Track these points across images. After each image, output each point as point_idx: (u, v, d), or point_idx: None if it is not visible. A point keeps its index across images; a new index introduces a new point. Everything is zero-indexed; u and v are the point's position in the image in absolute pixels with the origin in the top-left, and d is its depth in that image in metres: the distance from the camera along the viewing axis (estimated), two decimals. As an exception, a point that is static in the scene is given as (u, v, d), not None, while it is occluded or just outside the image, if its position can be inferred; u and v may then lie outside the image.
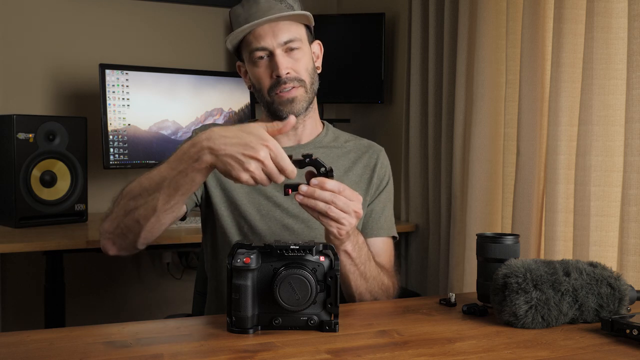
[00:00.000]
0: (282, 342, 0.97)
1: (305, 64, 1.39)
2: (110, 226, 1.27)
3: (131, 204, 1.21)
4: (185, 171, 1.12)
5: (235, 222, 1.40)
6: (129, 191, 1.23)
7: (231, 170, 1.07)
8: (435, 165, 2.43)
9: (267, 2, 1.35)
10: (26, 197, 2.18)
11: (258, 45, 1.35)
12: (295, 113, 1.37)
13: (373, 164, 1.48)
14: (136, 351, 0.93)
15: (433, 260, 2.46)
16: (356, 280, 1.26)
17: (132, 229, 1.23)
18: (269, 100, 1.38)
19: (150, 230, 1.23)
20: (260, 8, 1.35)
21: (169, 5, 2.83)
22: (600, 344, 0.98)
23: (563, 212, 1.79)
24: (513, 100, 2.03)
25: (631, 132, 1.57)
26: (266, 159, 1.05)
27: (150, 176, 1.19)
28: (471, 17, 2.20)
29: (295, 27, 1.37)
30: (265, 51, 1.35)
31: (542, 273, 1.05)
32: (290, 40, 1.36)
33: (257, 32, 1.35)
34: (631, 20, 1.57)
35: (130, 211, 1.22)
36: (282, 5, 1.36)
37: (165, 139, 2.56)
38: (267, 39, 1.34)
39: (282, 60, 1.34)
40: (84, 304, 2.64)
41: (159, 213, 1.19)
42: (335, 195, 1.09)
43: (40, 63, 2.63)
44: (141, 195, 1.20)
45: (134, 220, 1.22)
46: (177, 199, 1.17)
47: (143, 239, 1.25)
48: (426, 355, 0.92)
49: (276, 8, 1.35)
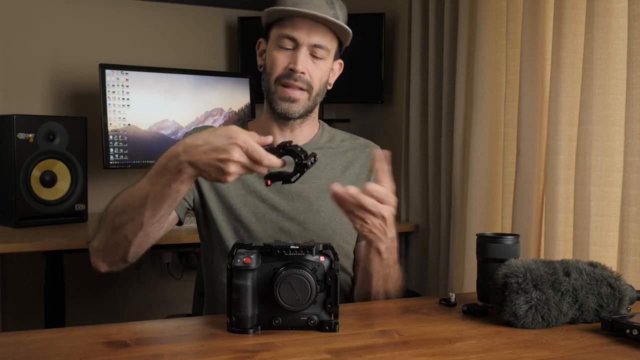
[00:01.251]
0: (282, 342, 0.97)
1: (321, 75, 1.39)
2: (99, 244, 1.26)
3: (117, 220, 1.21)
4: (168, 184, 1.12)
5: (231, 225, 1.39)
6: (113, 208, 1.23)
7: (214, 176, 1.08)
8: (435, 165, 2.43)
9: (320, 1, 1.35)
10: (26, 197, 2.18)
11: (291, 33, 1.34)
12: (290, 114, 1.37)
13: (370, 164, 1.48)
14: (136, 351, 0.93)
15: (433, 260, 2.46)
16: (378, 280, 1.27)
17: (121, 245, 1.23)
18: (272, 89, 1.38)
19: (139, 245, 1.23)
20: (312, 2, 1.34)
21: (169, 5, 2.83)
22: (600, 344, 0.98)
23: (563, 212, 1.79)
24: (513, 100, 2.03)
25: (631, 132, 1.57)
26: (241, 157, 1.05)
27: (133, 192, 1.19)
28: (471, 17, 2.20)
29: (330, 37, 1.38)
30: (293, 42, 1.35)
31: (542, 273, 1.05)
32: (320, 46, 1.36)
33: (296, 21, 1.34)
34: (631, 20, 1.57)
35: (118, 227, 1.21)
36: (331, 11, 1.36)
37: (165, 139, 2.56)
38: (302, 33, 1.34)
39: (303, 58, 1.34)
40: (84, 304, 2.64)
41: (146, 227, 1.19)
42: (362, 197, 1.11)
43: (40, 63, 2.63)
44: (126, 212, 1.19)
45: (122, 236, 1.21)
46: (164, 211, 1.18)
47: (133, 253, 1.25)
48: (426, 355, 0.92)
49: (324, 10, 1.34)
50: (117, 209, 1.21)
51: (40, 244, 1.97)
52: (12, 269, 2.59)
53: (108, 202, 1.27)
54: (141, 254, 1.27)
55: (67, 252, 2.10)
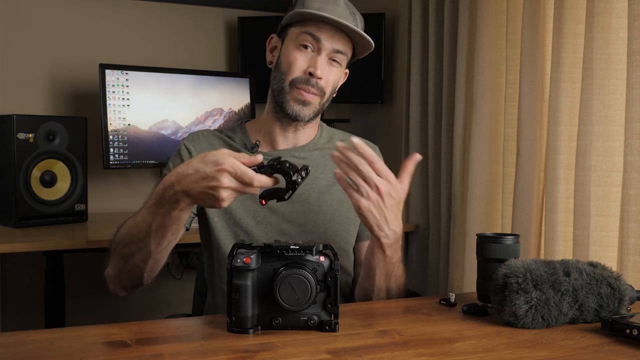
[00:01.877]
0: (282, 342, 0.97)
1: (334, 81, 1.39)
2: (113, 272, 1.29)
3: (126, 250, 1.22)
4: (167, 213, 1.13)
5: (231, 231, 1.39)
6: (120, 239, 1.24)
7: (209, 203, 1.08)
8: (435, 165, 2.43)
9: (344, 9, 1.35)
10: (26, 197, 2.18)
11: (316, 33, 1.33)
12: (300, 117, 1.37)
13: None
14: (136, 351, 0.93)
15: (433, 260, 2.46)
16: (380, 277, 1.26)
17: (133, 273, 1.25)
18: (287, 89, 1.36)
19: (151, 270, 1.25)
20: (337, 10, 1.33)
21: (169, 5, 2.83)
22: (600, 344, 0.98)
23: (563, 212, 1.79)
24: (513, 100, 2.03)
25: (631, 132, 1.57)
26: (231, 182, 1.05)
27: (136, 223, 1.20)
28: (471, 17, 2.20)
29: (348, 46, 1.38)
30: (317, 44, 1.34)
31: (542, 273, 1.05)
32: (340, 52, 1.36)
33: (321, 25, 1.33)
34: (631, 20, 1.57)
35: (127, 257, 1.23)
36: (353, 21, 1.35)
37: (165, 139, 2.56)
38: (326, 36, 1.33)
39: (323, 62, 1.34)
40: (84, 304, 2.64)
41: (155, 255, 1.21)
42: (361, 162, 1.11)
43: (40, 63, 2.63)
44: (133, 242, 1.20)
45: (133, 264, 1.23)
46: (169, 239, 1.19)
47: (147, 278, 1.27)
48: (426, 355, 0.92)
49: (348, 18, 1.34)
50: (124, 240, 1.23)
51: (40, 244, 1.97)
52: (12, 269, 2.59)
53: (115, 230, 1.28)
54: (156, 275, 1.28)
55: (67, 252, 2.10)
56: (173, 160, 1.45)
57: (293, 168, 1.08)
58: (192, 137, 1.46)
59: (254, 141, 1.44)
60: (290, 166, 1.08)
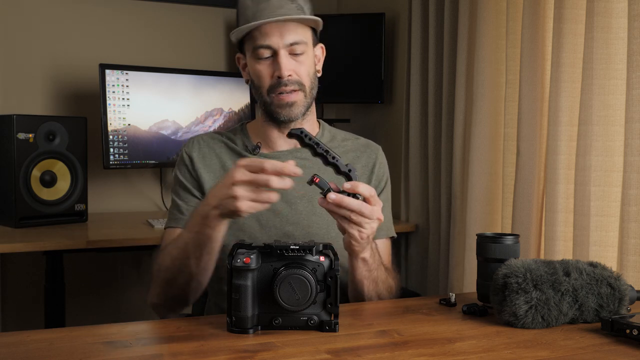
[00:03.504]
0: (282, 342, 0.97)
1: (308, 68, 1.37)
2: (158, 300, 1.31)
3: (168, 275, 1.25)
4: (201, 231, 1.16)
5: (235, 236, 1.37)
6: (161, 264, 1.27)
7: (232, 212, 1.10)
8: (435, 165, 2.43)
9: (279, 1, 1.34)
10: (26, 197, 2.18)
11: (263, 42, 1.33)
12: (293, 117, 1.37)
13: (372, 164, 1.47)
14: (136, 351, 0.93)
15: (433, 260, 2.46)
16: (369, 285, 1.27)
17: (178, 296, 1.28)
18: (268, 100, 1.37)
19: (195, 291, 1.27)
20: (271, 5, 1.32)
21: (169, 5, 2.83)
22: (600, 344, 0.98)
23: (563, 212, 1.79)
24: (513, 100, 2.03)
25: (631, 132, 1.57)
26: (244, 192, 1.06)
27: (177, 245, 1.24)
28: (471, 17, 2.20)
29: (302, 30, 1.36)
30: (269, 50, 1.33)
31: (542, 273, 1.05)
32: (296, 42, 1.34)
33: (264, 29, 1.33)
34: (631, 20, 1.57)
35: (171, 282, 1.25)
36: (293, 5, 1.34)
37: (165, 139, 2.56)
38: (274, 38, 1.32)
39: (285, 61, 1.33)
40: (84, 304, 2.64)
41: (196, 277, 1.23)
42: (361, 204, 1.09)
43: (40, 63, 2.63)
44: (174, 266, 1.23)
45: (177, 288, 1.26)
46: (205, 258, 1.20)
47: (192, 299, 1.29)
48: (426, 355, 0.92)
49: (286, 7, 1.33)
50: (165, 264, 1.26)
51: (40, 244, 1.97)
52: (12, 269, 2.59)
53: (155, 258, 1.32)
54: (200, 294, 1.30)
55: (67, 252, 2.10)
56: (178, 169, 1.45)
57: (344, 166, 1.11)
58: (192, 143, 1.45)
59: (256, 143, 1.43)
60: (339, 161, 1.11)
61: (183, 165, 1.43)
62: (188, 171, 1.42)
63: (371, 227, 1.12)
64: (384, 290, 1.31)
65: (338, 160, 1.10)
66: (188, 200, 1.40)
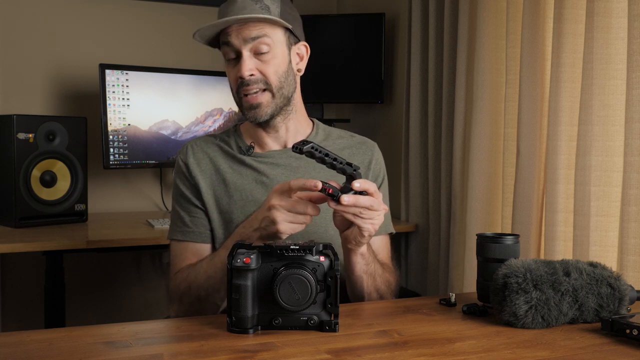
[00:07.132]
0: (282, 342, 0.97)
1: (275, 67, 1.34)
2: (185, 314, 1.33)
3: (202, 293, 1.28)
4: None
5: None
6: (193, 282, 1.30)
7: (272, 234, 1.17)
8: (435, 165, 2.43)
9: (243, 2, 1.33)
10: (26, 197, 2.18)
11: (226, 43, 1.35)
12: (259, 119, 1.36)
13: (368, 161, 1.46)
14: (136, 351, 0.93)
15: (433, 260, 2.46)
16: (368, 280, 1.28)
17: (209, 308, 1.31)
18: (238, 102, 1.38)
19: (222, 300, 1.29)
20: (236, 7, 1.32)
21: (169, 5, 2.83)
22: (600, 344, 0.98)
23: (563, 212, 1.79)
24: (513, 100, 2.03)
25: (631, 132, 1.57)
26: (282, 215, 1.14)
27: (214, 263, 1.26)
28: (471, 17, 2.20)
29: (268, 29, 1.33)
30: (234, 51, 1.34)
31: (542, 273, 1.05)
32: (258, 41, 1.32)
33: (226, 30, 1.34)
34: (631, 20, 1.57)
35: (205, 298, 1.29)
36: (257, 6, 1.32)
37: (165, 139, 2.57)
38: (234, 38, 1.33)
39: (246, 61, 1.32)
40: (84, 304, 2.64)
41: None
42: (372, 199, 1.13)
43: (40, 63, 2.63)
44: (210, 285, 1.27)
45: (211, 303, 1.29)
46: None
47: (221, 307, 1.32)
48: (426, 355, 0.92)
49: (249, 8, 1.32)
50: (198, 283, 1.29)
51: (40, 244, 1.97)
52: (12, 269, 2.59)
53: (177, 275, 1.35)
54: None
55: (67, 252, 2.10)
56: (177, 177, 1.44)
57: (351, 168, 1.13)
58: (186, 150, 1.45)
59: (249, 143, 1.43)
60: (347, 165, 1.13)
61: (180, 173, 1.43)
62: (186, 178, 1.42)
63: (380, 217, 1.15)
64: (382, 284, 1.32)
65: (344, 164, 1.12)
66: (190, 211, 1.40)
